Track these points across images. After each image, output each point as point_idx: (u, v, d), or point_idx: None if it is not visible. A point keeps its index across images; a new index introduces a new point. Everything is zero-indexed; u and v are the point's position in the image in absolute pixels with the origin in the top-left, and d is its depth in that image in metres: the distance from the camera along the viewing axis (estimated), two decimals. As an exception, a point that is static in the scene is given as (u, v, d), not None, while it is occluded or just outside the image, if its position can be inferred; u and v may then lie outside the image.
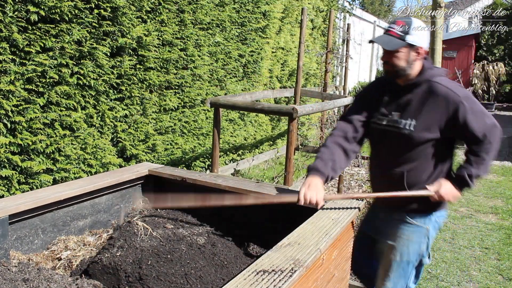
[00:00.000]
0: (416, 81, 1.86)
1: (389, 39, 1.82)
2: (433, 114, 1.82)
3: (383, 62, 1.89)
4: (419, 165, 1.88)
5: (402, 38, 1.81)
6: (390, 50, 1.83)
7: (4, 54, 2.40)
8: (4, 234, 1.64)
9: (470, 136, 1.81)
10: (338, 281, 1.79)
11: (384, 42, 1.83)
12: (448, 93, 1.81)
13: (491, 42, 16.44)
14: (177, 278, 1.56)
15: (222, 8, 4.42)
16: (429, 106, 1.83)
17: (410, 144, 1.86)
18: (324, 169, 1.85)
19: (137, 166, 2.37)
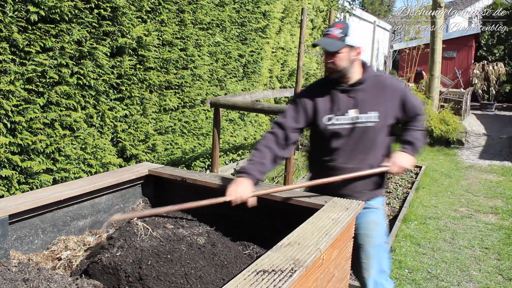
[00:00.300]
0: (364, 78, 2.04)
1: (331, 41, 1.97)
2: (388, 103, 2.05)
3: (326, 63, 2.01)
4: (380, 151, 2.09)
5: (342, 40, 1.96)
6: (332, 52, 1.96)
7: (4, 54, 2.40)
8: (4, 234, 1.64)
9: (414, 114, 2.11)
10: (338, 281, 1.79)
11: (327, 44, 1.97)
12: (393, 83, 2.10)
13: (491, 42, 16.45)
14: (177, 278, 1.56)
15: (222, 8, 4.42)
16: (383, 97, 2.04)
17: (375, 135, 2.05)
18: (253, 172, 1.92)
19: (137, 166, 2.37)
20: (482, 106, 14.61)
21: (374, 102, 2.03)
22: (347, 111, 2.02)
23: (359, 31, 2.03)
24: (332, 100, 2.04)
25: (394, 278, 3.21)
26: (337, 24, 1.99)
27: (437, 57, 9.01)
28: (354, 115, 2.02)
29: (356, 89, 2.03)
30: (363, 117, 2.02)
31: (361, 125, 2.02)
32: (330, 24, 2.06)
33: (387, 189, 5.41)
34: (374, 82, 2.05)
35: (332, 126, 2.03)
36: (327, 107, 2.04)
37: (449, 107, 9.32)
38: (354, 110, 2.02)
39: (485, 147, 8.53)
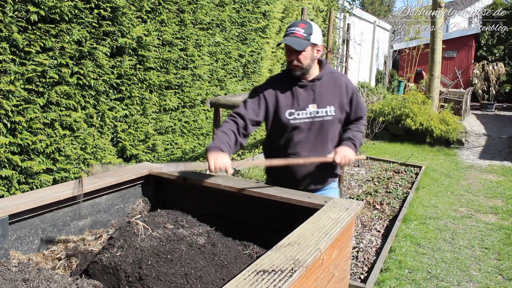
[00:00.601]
0: (321, 74, 2.16)
1: (297, 40, 2.04)
2: (342, 98, 2.20)
3: (290, 61, 2.08)
4: (335, 142, 2.25)
5: (307, 39, 2.05)
6: (298, 50, 2.04)
7: (4, 54, 2.40)
8: (4, 234, 1.64)
9: (358, 113, 2.27)
10: (338, 281, 1.79)
11: (294, 43, 2.03)
12: (347, 81, 2.25)
13: (491, 42, 16.44)
14: (177, 278, 1.56)
15: (222, 8, 4.42)
16: (338, 93, 2.20)
17: (332, 127, 2.20)
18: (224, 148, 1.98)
19: (137, 166, 2.37)
20: (482, 106, 14.61)
21: (331, 97, 2.18)
22: (307, 106, 2.14)
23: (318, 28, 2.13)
24: (292, 95, 2.14)
25: (394, 278, 3.21)
26: (301, 24, 2.07)
27: (437, 57, 9.01)
28: (313, 110, 2.15)
29: (315, 84, 2.15)
30: (322, 111, 2.15)
31: (319, 119, 2.15)
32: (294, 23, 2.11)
33: (387, 189, 5.41)
34: (330, 79, 2.19)
35: (294, 120, 2.14)
36: (288, 102, 2.14)
37: (449, 107, 9.33)
38: (313, 105, 2.15)
39: (485, 147, 8.53)
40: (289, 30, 2.08)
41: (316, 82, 2.15)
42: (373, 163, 6.87)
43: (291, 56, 2.07)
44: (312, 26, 2.08)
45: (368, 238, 3.94)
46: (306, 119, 2.14)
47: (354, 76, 12.47)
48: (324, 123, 2.16)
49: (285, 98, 2.14)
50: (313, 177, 2.26)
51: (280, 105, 2.14)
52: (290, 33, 2.05)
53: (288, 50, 2.07)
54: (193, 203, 2.21)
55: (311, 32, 2.06)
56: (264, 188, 2.04)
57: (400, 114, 8.68)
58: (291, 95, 2.14)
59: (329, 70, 2.21)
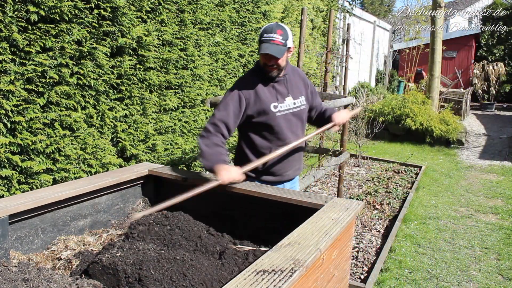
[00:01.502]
0: (287, 70, 2.34)
1: (277, 48, 2.16)
2: (305, 89, 2.44)
3: (269, 65, 2.21)
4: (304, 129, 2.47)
5: (285, 45, 2.19)
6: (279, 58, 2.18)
7: (4, 54, 2.40)
8: (4, 234, 1.64)
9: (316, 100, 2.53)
10: (338, 281, 1.79)
11: (276, 52, 2.16)
12: (302, 72, 2.50)
13: (491, 42, 16.44)
14: (177, 278, 1.55)
15: (222, 8, 4.42)
16: (302, 84, 2.43)
17: (304, 115, 2.43)
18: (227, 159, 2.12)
19: (137, 166, 2.37)
20: (482, 106, 14.60)
21: (299, 88, 2.40)
22: (285, 99, 2.32)
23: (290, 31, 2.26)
24: (271, 90, 2.29)
25: (394, 278, 3.21)
26: (278, 30, 2.18)
27: (437, 57, 9.01)
28: (291, 101, 2.33)
29: (286, 79, 2.33)
30: (297, 102, 2.36)
31: (297, 109, 2.36)
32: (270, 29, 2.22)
33: (387, 189, 5.41)
34: (293, 72, 2.41)
35: (279, 113, 2.28)
36: (269, 97, 2.27)
37: (449, 107, 9.33)
38: (289, 97, 2.33)
39: (485, 147, 8.53)
40: (268, 36, 2.17)
41: (286, 76, 2.34)
42: (373, 163, 6.86)
43: (270, 61, 2.20)
44: (287, 31, 2.21)
45: (368, 238, 3.94)
46: (287, 110, 2.32)
47: (354, 76, 12.46)
48: (301, 112, 2.38)
49: (265, 93, 2.27)
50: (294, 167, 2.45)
51: (263, 100, 2.26)
52: (270, 40, 2.16)
53: (266, 55, 2.18)
54: (193, 203, 2.21)
55: (288, 38, 2.20)
56: (264, 188, 2.04)
57: (400, 114, 8.68)
58: (270, 90, 2.29)
59: (291, 66, 2.42)
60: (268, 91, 2.28)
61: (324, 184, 5.60)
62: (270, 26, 2.21)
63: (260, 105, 2.25)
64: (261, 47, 2.17)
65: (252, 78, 2.31)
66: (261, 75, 2.29)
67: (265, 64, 2.23)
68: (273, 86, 2.30)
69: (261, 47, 2.18)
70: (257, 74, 2.31)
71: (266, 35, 2.17)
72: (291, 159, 2.41)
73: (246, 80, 2.32)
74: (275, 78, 2.29)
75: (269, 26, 2.21)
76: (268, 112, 2.26)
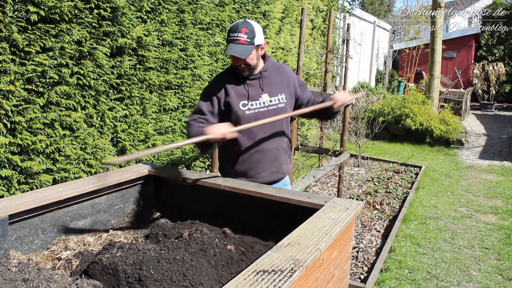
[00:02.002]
0: (266, 66, 2.26)
1: (242, 48, 2.09)
2: (289, 85, 2.33)
3: (238, 65, 2.16)
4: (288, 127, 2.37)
5: (251, 43, 2.10)
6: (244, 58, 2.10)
7: (4, 54, 2.40)
8: (4, 234, 1.64)
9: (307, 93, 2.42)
10: (338, 281, 1.79)
11: (240, 53, 2.09)
12: (288, 69, 2.39)
13: (491, 42, 16.44)
14: (177, 278, 1.55)
15: (222, 8, 4.42)
16: (284, 81, 2.31)
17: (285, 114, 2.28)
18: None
19: (137, 166, 2.37)
20: (482, 106, 14.60)
21: (280, 86, 2.29)
22: (260, 96, 2.23)
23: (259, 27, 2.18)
24: (243, 89, 2.22)
25: (394, 278, 3.21)
26: (243, 28, 2.10)
27: (437, 57, 9.01)
28: (267, 99, 2.24)
29: (262, 76, 2.24)
30: (274, 100, 2.26)
31: (274, 107, 2.25)
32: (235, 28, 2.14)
33: (387, 189, 5.41)
34: (274, 69, 2.31)
35: (248, 111, 2.20)
36: (239, 95, 2.21)
37: (449, 107, 9.33)
38: (265, 94, 2.24)
39: (485, 147, 8.53)
40: (232, 36, 2.11)
41: (263, 73, 2.25)
42: (373, 163, 6.87)
43: (237, 61, 2.15)
44: (254, 28, 2.13)
45: (368, 238, 3.94)
46: (261, 108, 2.23)
47: (354, 76, 12.47)
48: (278, 110, 2.26)
49: (236, 91, 2.22)
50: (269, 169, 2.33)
51: (232, 99, 2.20)
52: (234, 40, 2.10)
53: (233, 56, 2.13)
54: (193, 203, 2.21)
55: (254, 35, 2.12)
56: (264, 188, 2.04)
57: (400, 114, 8.68)
58: (242, 89, 2.23)
59: (272, 62, 2.33)
60: (239, 89, 2.22)
61: (324, 184, 5.60)
62: (236, 24, 2.14)
63: (229, 103, 2.21)
64: (226, 48, 2.13)
65: (225, 77, 2.27)
66: (234, 73, 2.24)
67: (234, 64, 2.19)
68: (246, 84, 2.23)
69: (226, 47, 2.14)
70: (230, 72, 2.27)
71: (231, 34, 2.12)
72: (264, 160, 2.28)
73: (218, 79, 2.29)
74: (248, 77, 2.23)
75: (234, 25, 2.14)
76: (236, 110, 2.20)
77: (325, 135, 5.60)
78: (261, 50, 2.20)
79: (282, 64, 2.42)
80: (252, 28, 2.12)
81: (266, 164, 2.30)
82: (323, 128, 5.49)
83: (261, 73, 2.25)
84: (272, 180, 2.35)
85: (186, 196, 2.24)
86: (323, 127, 5.49)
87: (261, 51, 2.21)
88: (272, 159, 2.31)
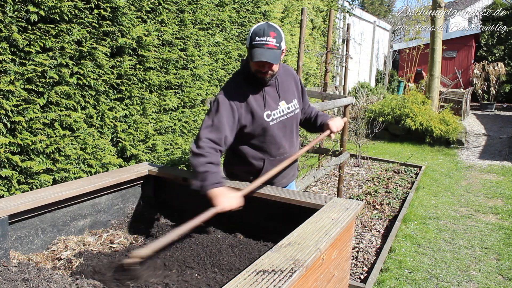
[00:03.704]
0: (280, 71, 2.13)
1: (273, 53, 1.95)
2: (298, 89, 2.25)
3: (263, 71, 2.00)
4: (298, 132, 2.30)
5: (279, 48, 1.98)
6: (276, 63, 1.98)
7: (4, 54, 2.40)
8: (4, 234, 1.64)
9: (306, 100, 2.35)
10: (338, 281, 1.79)
11: (273, 58, 1.94)
12: (292, 70, 2.28)
13: (491, 42, 16.45)
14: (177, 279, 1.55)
15: (222, 8, 4.42)
16: (294, 84, 2.24)
17: (298, 119, 2.25)
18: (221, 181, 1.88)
19: (137, 166, 2.37)
20: (482, 106, 14.61)
21: (291, 91, 2.20)
22: (278, 104, 2.12)
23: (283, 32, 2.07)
24: (263, 97, 2.08)
25: (394, 278, 3.21)
26: (271, 32, 1.95)
27: (437, 57, 9.01)
28: (285, 107, 2.15)
29: (277, 81, 2.12)
30: (291, 107, 2.18)
31: (291, 114, 2.18)
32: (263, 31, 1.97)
33: (387, 189, 5.41)
34: (285, 73, 2.20)
35: (273, 121, 2.09)
36: (261, 104, 2.06)
37: (449, 107, 9.33)
38: (282, 102, 2.14)
39: (485, 147, 8.53)
40: (261, 40, 1.94)
41: (277, 79, 2.13)
42: (373, 163, 6.87)
43: (264, 68, 1.99)
44: (280, 32, 2.01)
45: (368, 238, 3.94)
46: (281, 117, 2.13)
47: (354, 76, 12.46)
48: (294, 116, 2.20)
49: (257, 101, 2.06)
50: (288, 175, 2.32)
51: (255, 110, 2.04)
52: (264, 45, 1.93)
53: (261, 61, 1.95)
54: (193, 203, 2.21)
55: (281, 40, 1.99)
56: (264, 188, 2.04)
57: (400, 114, 8.68)
58: (261, 97, 2.07)
59: (281, 64, 2.17)
60: (259, 98, 2.06)
61: (324, 184, 5.60)
62: (261, 27, 1.97)
63: (252, 115, 2.04)
64: (254, 53, 1.92)
65: (240, 84, 2.08)
66: (249, 79, 2.07)
67: (257, 70, 2.01)
68: (264, 91, 2.07)
69: (254, 53, 1.93)
70: (245, 79, 2.08)
71: (258, 38, 1.94)
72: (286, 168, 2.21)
73: (234, 87, 2.07)
74: (267, 83, 2.07)
75: (259, 28, 1.96)
76: (261, 122, 2.05)
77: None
78: (283, 54, 2.05)
79: (286, 65, 2.29)
80: (279, 32, 1.99)
81: (287, 171, 2.26)
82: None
83: (276, 79, 2.11)
84: (288, 183, 2.36)
85: (186, 196, 2.24)
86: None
87: (282, 56, 2.05)
88: (292, 165, 2.29)
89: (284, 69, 2.21)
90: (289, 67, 2.28)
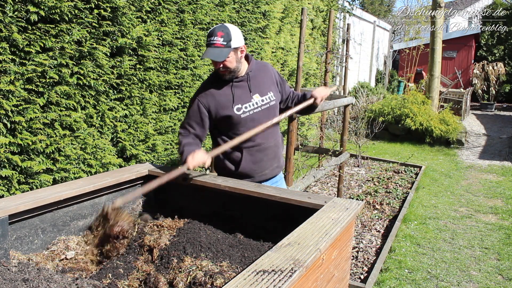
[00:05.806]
0: (251, 67, 2.31)
1: (218, 51, 2.13)
2: (273, 81, 2.40)
3: (217, 69, 2.19)
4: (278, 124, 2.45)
5: (227, 46, 2.13)
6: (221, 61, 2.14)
7: (4, 54, 2.40)
8: (4, 234, 1.64)
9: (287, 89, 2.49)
10: (338, 281, 1.79)
11: (216, 56, 2.13)
12: (270, 66, 2.46)
13: (491, 42, 16.45)
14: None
15: (222, 8, 4.42)
16: (270, 78, 2.39)
17: (276, 109, 2.39)
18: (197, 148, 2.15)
19: (137, 166, 2.37)
20: (482, 106, 14.61)
21: (266, 84, 2.35)
22: (251, 98, 2.28)
23: (237, 30, 2.21)
24: (232, 92, 2.25)
25: (394, 278, 3.21)
26: (219, 32, 2.14)
27: (437, 57, 9.01)
28: (259, 99, 2.30)
29: (249, 77, 2.29)
30: (266, 99, 2.32)
31: (266, 106, 2.32)
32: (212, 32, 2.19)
33: (387, 189, 5.41)
34: (259, 69, 2.37)
35: (244, 114, 2.25)
36: (230, 99, 2.24)
37: (449, 107, 9.33)
38: (256, 95, 2.30)
39: (485, 147, 8.53)
40: (209, 40, 2.15)
41: (249, 74, 2.30)
42: (373, 163, 6.87)
43: (216, 65, 2.18)
44: (230, 32, 2.15)
45: (368, 238, 3.94)
46: (255, 109, 2.28)
47: (354, 76, 12.46)
48: (270, 108, 2.34)
49: (226, 97, 2.25)
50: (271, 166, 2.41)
51: (223, 104, 2.23)
52: (211, 44, 2.14)
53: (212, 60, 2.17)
54: (193, 203, 2.21)
55: (230, 38, 2.14)
56: (264, 188, 2.04)
57: (400, 114, 8.69)
58: (231, 92, 2.25)
59: (256, 62, 2.39)
60: (229, 94, 2.25)
61: (324, 184, 5.60)
62: (213, 28, 2.18)
63: (221, 110, 2.23)
64: (204, 52, 2.15)
65: (211, 83, 2.29)
66: (217, 77, 2.27)
67: (216, 68, 2.21)
68: (234, 87, 2.26)
69: (204, 51, 2.17)
70: (215, 78, 2.29)
71: (208, 38, 2.17)
72: (266, 158, 2.37)
73: (204, 87, 2.29)
74: (232, 80, 2.26)
75: (212, 29, 2.18)
76: (231, 115, 2.24)
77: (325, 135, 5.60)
78: (240, 52, 2.22)
79: (265, 62, 2.48)
80: (228, 31, 2.15)
81: (268, 162, 2.38)
82: (323, 128, 5.48)
83: (247, 74, 2.29)
84: (273, 175, 2.45)
85: (186, 196, 2.24)
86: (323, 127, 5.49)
87: (241, 54, 2.23)
88: (273, 156, 2.40)
89: (259, 65, 2.39)
90: (265, 62, 2.47)
